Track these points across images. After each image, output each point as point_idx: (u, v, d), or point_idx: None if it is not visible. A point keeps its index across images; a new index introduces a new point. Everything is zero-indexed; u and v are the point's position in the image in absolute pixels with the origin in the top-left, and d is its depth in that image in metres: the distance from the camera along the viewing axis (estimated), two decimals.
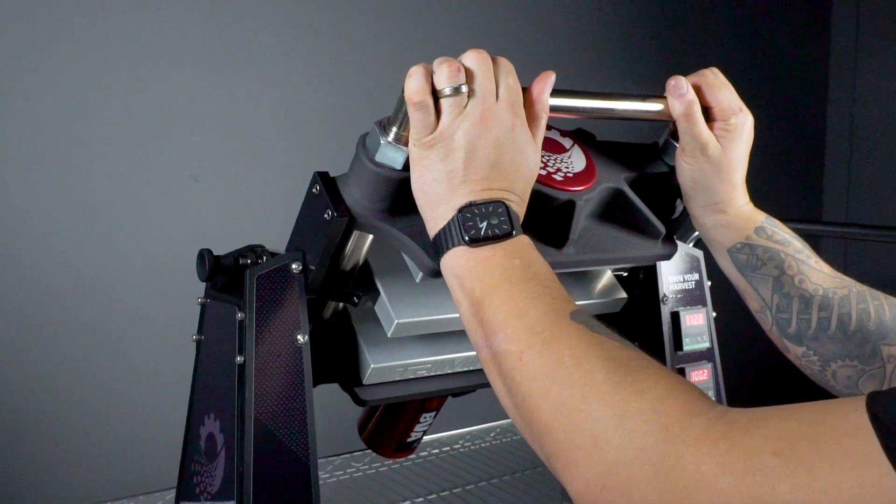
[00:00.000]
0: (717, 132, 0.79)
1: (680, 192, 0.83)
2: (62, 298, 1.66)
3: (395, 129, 0.67)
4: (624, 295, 0.92)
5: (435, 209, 0.65)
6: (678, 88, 0.77)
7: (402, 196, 0.69)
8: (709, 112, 0.79)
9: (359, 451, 1.23)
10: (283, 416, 0.72)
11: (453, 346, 0.84)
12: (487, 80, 0.65)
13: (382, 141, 0.67)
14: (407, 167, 0.67)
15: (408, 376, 0.83)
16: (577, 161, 0.79)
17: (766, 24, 2.80)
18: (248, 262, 0.76)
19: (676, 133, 0.80)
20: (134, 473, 1.55)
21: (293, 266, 0.74)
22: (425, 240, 0.67)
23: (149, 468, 1.35)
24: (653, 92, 0.80)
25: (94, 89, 1.68)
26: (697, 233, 0.87)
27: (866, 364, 0.78)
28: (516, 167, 0.66)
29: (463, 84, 0.65)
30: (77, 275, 1.67)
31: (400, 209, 0.70)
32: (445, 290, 0.66)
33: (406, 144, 0.67)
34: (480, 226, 0.63)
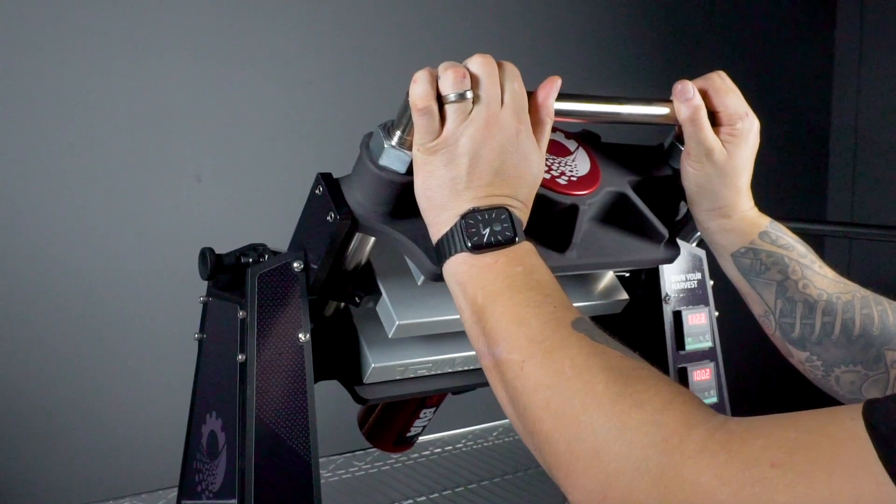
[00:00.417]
0: (722, 137, 0.78)
1: (684, 194, 0.83)
2: (64, 297, 1.66)
3: (399, 133, 0.67)
4: (625, 296, 0.92)
5: (438, 215, 0.65)
6: (684, 93, 0.77)
7: (405, 199, 0.69)
8: (715, 116, 0.78)
9: (361, 450, 1.23)
10: (284, 414, 0.72)
11: (454, 346, 0.84)
12: (493, 85, 0.65)
13: (386, 145, 0.67)
14: (410, 171, 0.67)
15: (408, 375, 0.83)
16: (582, 164, 0.79)
17: (771, 22, 2.79)
18: (250, 260, 0.76)
19: (682, 136, 0.80)
20: (136, 472, 1.56)
21: (295, 265, 0.74)
22: (428, 244, 0.67)
23: (151, 466, 1.35)
24: (658, 95, 0.79)
25: (97, 89, 1.68)
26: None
27: (870, 369, 0.78)
28: (520, 173, 0.66)
29: (468, 90, 0.64)
30: (79, 273, 1.68)
31: (403, 212, 0.70)
32: (447, 291, 0.66)
33: (410, 149, 0.67)
34: (483, 232, 0.63)
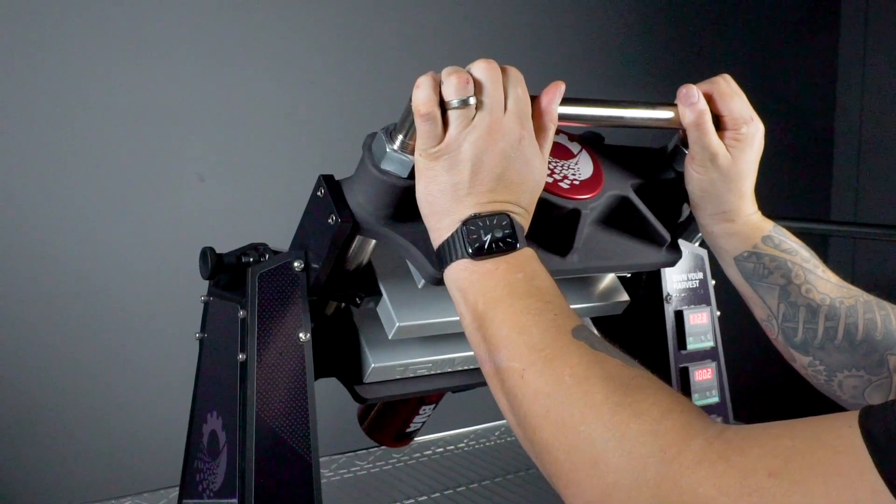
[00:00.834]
0: (727, 141, 0.78)
1: (687, 197, 0.83)
2: (66, 296, 1.66)
3: (402, 138, 0.67)
4: (626, 297, 0.92)
5: (440, 220, 0.65)
6: (689, 97, 0.76)
7: (406, 203, 0.69)
8: (720, 121, 0.78)
9: (363, 449, 1.23)
10: (285, 413, 0.72)
11: (453, 346, 0.84)
12: (496, 91, 0.65)
13: (388, 149, 0.67)
14: (412, 175, 0.67)
15: (408, 375, 0.83)
16: (585, 167, 0.79)
17: (775, 23, 2.79)
18: (251, 260, 0.76)
19: (686, 140, 0.79)
20: (138, 471, 1.56)
21: (295, 264, 0.74)
22: (429, 247, 0.67)
23: (153, 466, 1.36)
24: (663, 98, 0.79)
25: (100, 89, 1.68)
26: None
27: (873, 374, 0.78)
28: (522, 179, 0.66)
29: (471, 96, 0.64)
30: (81, 272, 1.68)
31: (404, 215, 0.70)
32: (447, 293, 0.66)
33: (412, 153, 0.67)
34: (484, 239, 0.63)
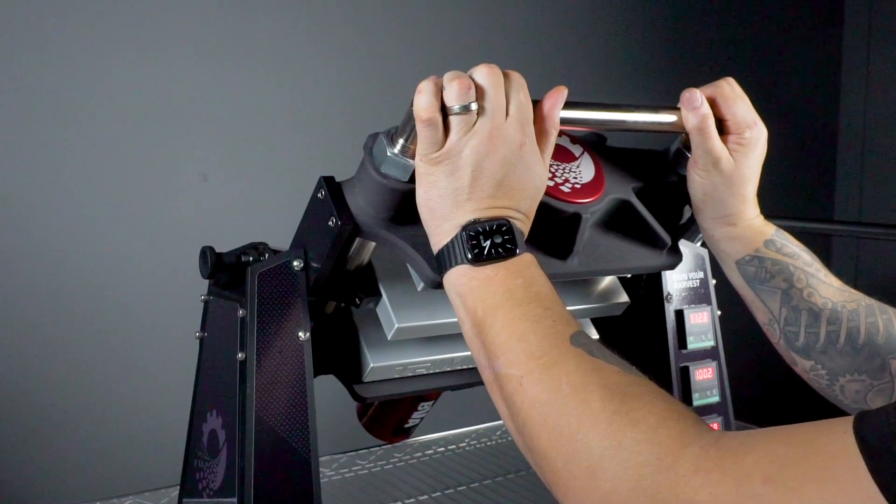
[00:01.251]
0: (730, 146, 0.78)
1: (689, 199, 0.82)
2: (67, 295, 1.67)
3: (403, 142, 0.67)
4: (626, 299, 0.92)
5: (439, 225, 0.65)
6: (692, 101, 0.76)
7: (407, 206, 0.69)
8: (723, 125, 0.78)
9: (364, 448, 1.23)
10: (284, 412, 0.73)
11: (453, 346, 0.84)
12: (498, 97, 0.65)
13: (389, 152, 0.67)
14: (413, 179, 0.67)
15: (407, 374, 0.83)
16: (586, 170, 0.79)
17: (779, 22, 2.78)
18: (250, 259, 0.76)
19: (689, 143, 0.79)
20: (138, 470, 1.56)
21: (295, 263, 0.74)
22: (428, 251, 0.67)
23: (153, 465, 1.36)
24: (667, 98, 0.79)
25: (103, 88, 1.68)
26: None
27: (875, 378, 0.77)
28: (523, 185, 0.66)
29: (473, 102, 0.64)
30: (82, 272, 1.68)
31: (404, 219, 0.70)
32: (447, 295, 0.66)
33: (413, 157, 0.67)
34: (484, 244, 0.63)
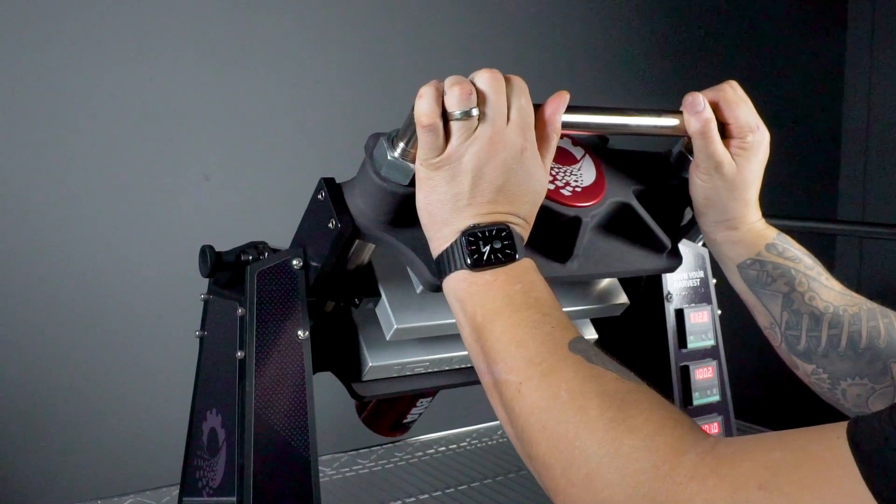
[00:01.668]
0: (732, 150, 0.78)
1: (690, 202, 0.82)
2: (68, 294, 1.67)
3: (403, 146, 0.67)
4: (625, 300, 0.92)
5: (439, 230, 0.65)
6: (695, 105, 0.76)
7: (407, 209, 0.69)
8: (725, 128, 0.78)
9: (364, 448, 1.23)
10: (283, 411, 0.73)
11: (451, 345, 0.84)
12: (499, 102, 0.65)
13: (389, 156, 0.67)
14: (413, 183, 0.67)
15: (405, 373, 0.83)
16: (587, 173, 0.79)
17: (782, 22, 2.78)
18: (250, 258, 0.76)
19: (691, 146, 0.79)
20: (139, 469, 1.56)
21: (294, 262, 0.74)
22: (428, 254, 0.67)
23: (154, 464, 1.36)
24: (669, 99, 0.78)
25: (105, 88, 1.69)
26: None
27: (876, 382, 0.77)
28: (523, 191, 0.66)
29: (474, 107, 0.64)
30: (83, 271, 1.68)
31: (404, 221, 0.70)
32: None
33: (413, 161, 0.67)
34: (483, 250, 0.63)
